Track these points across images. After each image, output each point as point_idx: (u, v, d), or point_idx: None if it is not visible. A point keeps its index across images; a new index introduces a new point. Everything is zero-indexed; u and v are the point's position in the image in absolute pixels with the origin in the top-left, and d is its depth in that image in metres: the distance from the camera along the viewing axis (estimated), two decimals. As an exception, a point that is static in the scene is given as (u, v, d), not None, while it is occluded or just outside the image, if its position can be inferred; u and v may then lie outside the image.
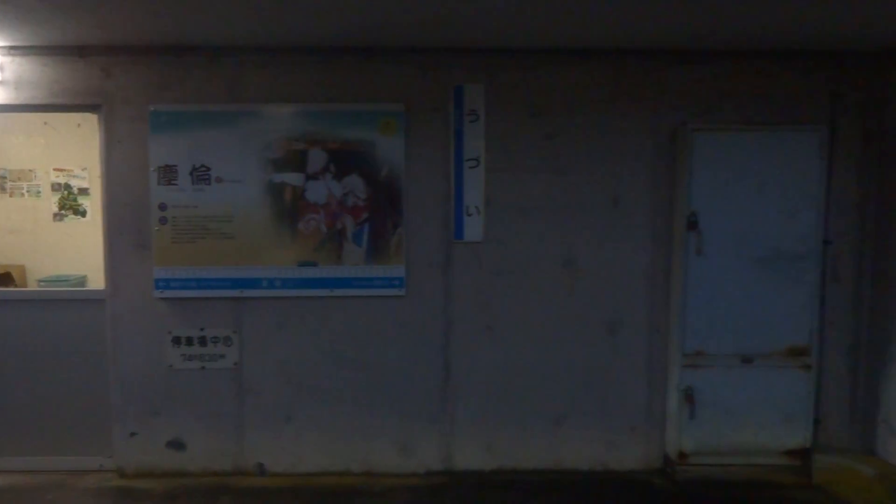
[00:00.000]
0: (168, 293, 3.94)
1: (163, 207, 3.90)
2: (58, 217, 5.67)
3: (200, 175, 3.89)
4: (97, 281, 4.71)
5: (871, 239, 4.00)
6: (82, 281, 5.42)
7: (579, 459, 4.08)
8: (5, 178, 5.54)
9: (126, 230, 3.94)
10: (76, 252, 5.59)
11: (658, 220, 3.96)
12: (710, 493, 3.81)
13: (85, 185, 5.62)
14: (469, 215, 3.95)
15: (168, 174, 3.89)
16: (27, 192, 5.64)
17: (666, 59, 3.91)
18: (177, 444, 4.03)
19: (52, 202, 5.63)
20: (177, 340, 3.98)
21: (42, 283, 5.31)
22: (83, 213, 5.64)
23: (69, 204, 5.69)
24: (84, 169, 5.56)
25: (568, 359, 4.03)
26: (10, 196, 5.57)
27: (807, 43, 3.76)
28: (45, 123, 5.53)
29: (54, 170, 5.60)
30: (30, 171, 5.62)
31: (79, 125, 5.45)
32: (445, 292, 3.99)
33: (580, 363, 4.03)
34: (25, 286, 5.43)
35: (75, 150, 5.52)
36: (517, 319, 4.01)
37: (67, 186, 5.64)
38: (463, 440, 4.06)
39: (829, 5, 3.08)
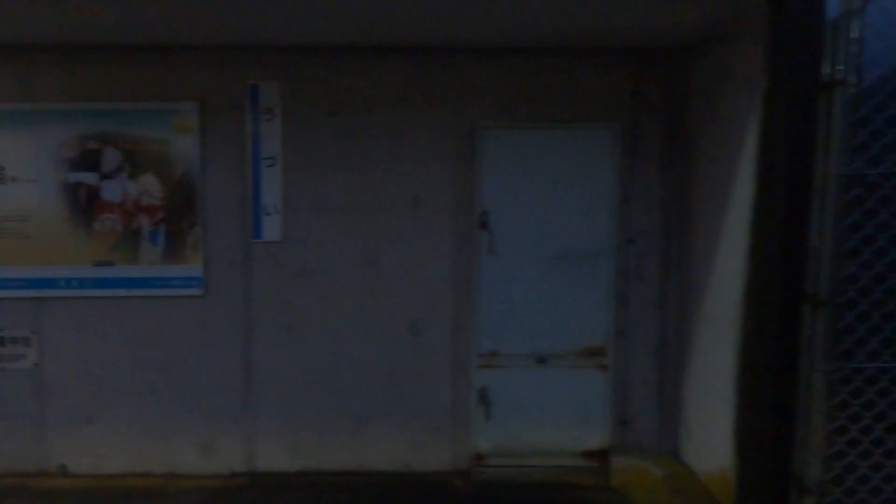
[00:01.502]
0: (-35, 293, 3.91)
1: (-43, 207, 3.87)
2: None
3: (-5, 174, 3.86)
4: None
5: (676, 238, 3.96)
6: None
7: (384, 461, 4.05)
8: None
9: (-78, 230, 3.91)
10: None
11: (459, 219, 3.92)
12: (504, 495, 3.78)
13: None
14: (268, 214, 3.92)
15: (-38, 173, 3.85)
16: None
17: (464, 57, 3.87)
18: (-22, 446, 4.01)
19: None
20: (-25, 341, 3.96)
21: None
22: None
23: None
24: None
25: (371, 359, 3.99)
26: None
27: (607, 40, 3.72)
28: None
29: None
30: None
31: None
32: (245, 292, 3.95)
33: (384, 364, 4.00)
34: None
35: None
36: (319, 320, 3.97)
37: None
38: (266, 441, 4.03)
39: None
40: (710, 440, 3.51)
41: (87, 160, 3.86)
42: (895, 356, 2.74)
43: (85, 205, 3.88)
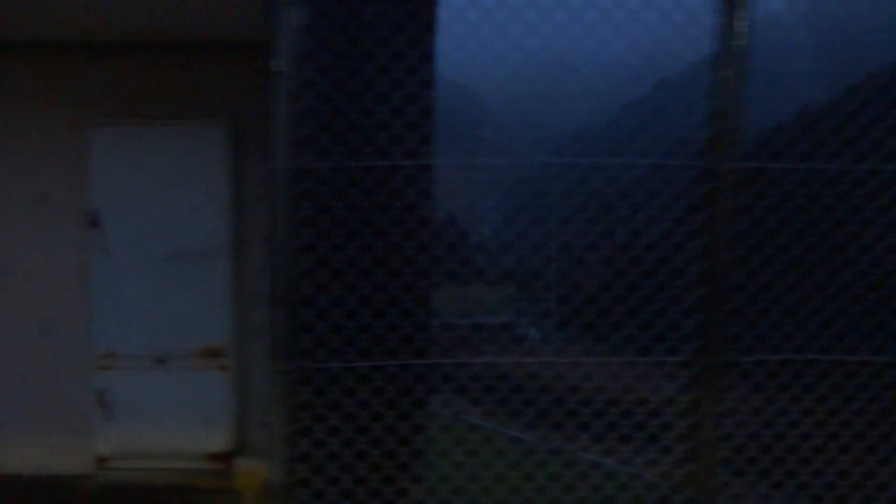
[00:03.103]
0: None
1: None
2: None
3: None
4: None
5: (310, 236, 3.88)
6: None
7: (22, 464, 3.96)
8: None
9: None
10: None
11: (83, 218, 3.85)
12: (119, 498, 3.72)
13: None
14: None
15: None
16: None
17: (89, 53, 3.81)
18: None
19: None
20: None
21: None
22: None
23: None
24: None
25: (4, 361, 3.93)
26: None
27: (233, 34, 3.66)
28: None
29: None
30: None
31: None
32: None
33: (16, 366, 3.92)
34: None
35: None
36: (-51, 321, 3.92)
37: None
38: None
39: None
40: (298, 441, 3.44)
41: None
42: (360, 354, 2.67)
43: None
